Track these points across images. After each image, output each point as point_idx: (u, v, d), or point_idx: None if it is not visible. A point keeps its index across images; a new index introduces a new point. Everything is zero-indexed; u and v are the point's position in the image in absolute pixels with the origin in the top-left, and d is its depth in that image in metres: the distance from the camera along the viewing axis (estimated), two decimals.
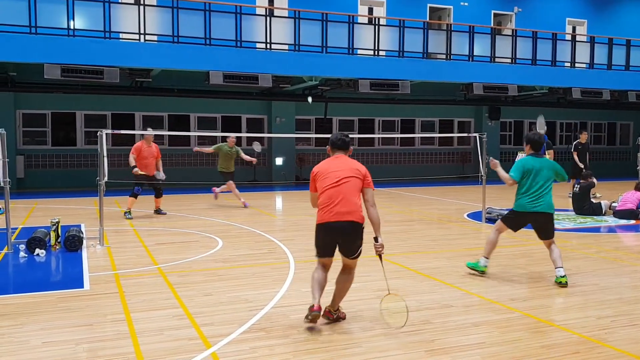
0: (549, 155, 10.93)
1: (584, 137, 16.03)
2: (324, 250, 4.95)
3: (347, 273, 5.01)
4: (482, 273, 6.71)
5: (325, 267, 5.02)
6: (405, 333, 4.73)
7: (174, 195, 15.70)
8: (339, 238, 4.86)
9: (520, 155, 11.18)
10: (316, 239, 4.97)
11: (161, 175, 11.84)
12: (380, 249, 4.92)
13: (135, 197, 11.75)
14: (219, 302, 5.62)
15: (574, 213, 12.29)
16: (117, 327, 4.85)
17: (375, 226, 4.92)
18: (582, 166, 15.49)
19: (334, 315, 5.03)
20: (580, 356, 4.27)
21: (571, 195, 14.70)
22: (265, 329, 4.80)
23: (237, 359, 4.19)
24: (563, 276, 6.31)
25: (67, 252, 8.00)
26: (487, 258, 6.76)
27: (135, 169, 11.51)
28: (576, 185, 12.43)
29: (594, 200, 12.26)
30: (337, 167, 4.95)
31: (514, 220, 6.77)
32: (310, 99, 13.78)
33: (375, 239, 4.92)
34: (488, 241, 6.83)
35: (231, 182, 13.30)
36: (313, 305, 4.78)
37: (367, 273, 6.84)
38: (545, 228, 6.58)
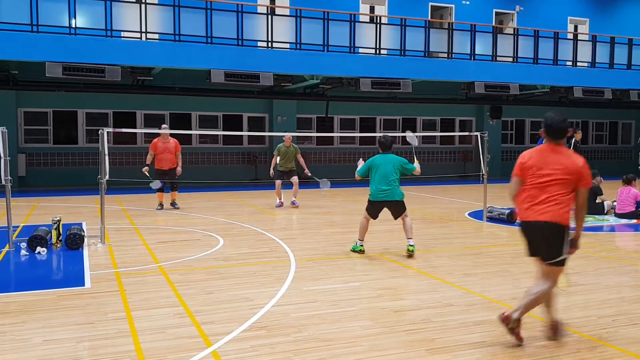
0: None
1: (578, 136, 16.13)
2: (529, 251, 4.58)
3: (541, 281, 4.51)
4: (361, 252, 7.72)
5: (541, 275, 4.53)
6: (405, 332, 4.73)
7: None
8: (536, 238, 4.46)
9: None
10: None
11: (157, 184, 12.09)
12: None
13: (161, 191, 12.37)
14: (220, 300, 5.63)
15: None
16: (118, 326, 4.85)
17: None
18: None
19: (513, 326, 4.38)
20: (581, 355, 4.26)
21: None
22: (266, 328, 4.80)
23: (237, 357, 4.19)
24: (412, 245, 7.58)
25: (69, 250, 8.01)
26: (361, 240, 7.79)
27: (144, 168, 12.30)
28: None
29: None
30: (552, 164, 4.38)
31: (371, 208, 7.77)
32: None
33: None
34: (360, 227, 7.81)
35: (280, 181, 13.23)
36: (503, 314, 4.41)
37: (368, 272, 6.86)
38: (397, 211, 7.73)
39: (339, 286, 6.21)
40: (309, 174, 13.37)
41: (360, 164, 7.98)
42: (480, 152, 11.22)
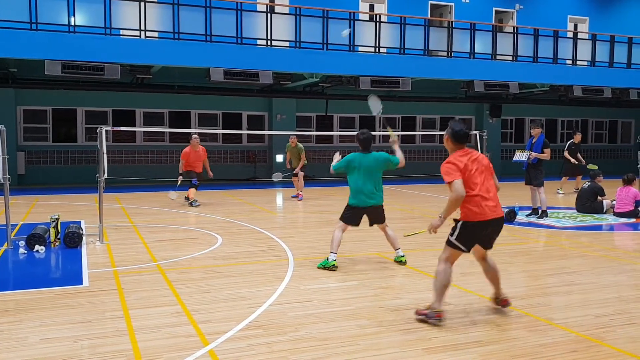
0: (545, 153, 10.89)
1: (577, 138, 16.28)
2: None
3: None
4: (334, 267, 6.81)
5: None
6: (403, 331, 4.73)
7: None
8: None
9: (518, 154, 11.24)
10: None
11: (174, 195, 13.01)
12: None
13: (196, 188, 13.02)
14: (217, 299, 5.63)
15: (574, 211, 12.28)
16: (115, 324, 4.86)
17: None
18: (582, 162, 15.97)
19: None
20: (578, 355, 4.26)
21: (560, 191, 15.91)
22: (263, 327, 4.81)
23: (234, 356, 4.19)
24: (402, 256, 7.17)
25: (67, 248, 8.01)
26: (335, 253, 6.92)
27: (180, 177, 12.98)
28: (586, 183, 12.43)
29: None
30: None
31: (352, 215, 7.04)
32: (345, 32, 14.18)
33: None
34: (334, 239, 6.97)
35: (295, 177, 14.67)
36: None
37: (365, 271, 6.86)
38: (378, 217, 7.09)
39: (336, 285, 6.21)
40: (300, 172, 14.48)
41: (337, 158, 7.21)
42: (480, 151, 11.21)
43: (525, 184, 11.33)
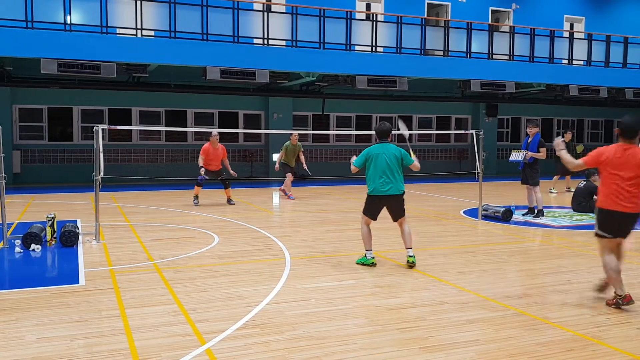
0: (541, 153, 10.93)
1: (568, 137, 16.40)
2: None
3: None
4: (373, 265, 6.95)
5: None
6: (399, 330, 4.74)
7: (170, 191, 15.68)
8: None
9: (514, 153, 11.28)
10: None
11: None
12: None
13: (200, 186, 12.99)
14: (214, 298, 5.62)
15: (570, 210, 12.32)
16: (112, 323, 4.84)
17: None
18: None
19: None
20: (575, 354, 4.28)
21: (553, 190, 16.04)
22: (260, 326, 4.80)
23: (231, 355, 4.19)
24: (411, 256, 6.93)
25: (63, 247, 7.99)
26: (370, 250, 7.05)
27: (202, 169, 12.74)
28: (582, 182, 12.46)
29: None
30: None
31: (371, 205, 7.09)
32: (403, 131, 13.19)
33: None
34: (363, 236, 7.09)
35: (290, 174, 14.45)
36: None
37: (362, 270, 6.87)
38: (398, 210, 7.10)
39: (334, 284, 6.21)
40: (306, 168, 14.28)
41: (354, 159, 7.24)
42: (476, 150, 11.23)
43: (522, 183, 11.35)
